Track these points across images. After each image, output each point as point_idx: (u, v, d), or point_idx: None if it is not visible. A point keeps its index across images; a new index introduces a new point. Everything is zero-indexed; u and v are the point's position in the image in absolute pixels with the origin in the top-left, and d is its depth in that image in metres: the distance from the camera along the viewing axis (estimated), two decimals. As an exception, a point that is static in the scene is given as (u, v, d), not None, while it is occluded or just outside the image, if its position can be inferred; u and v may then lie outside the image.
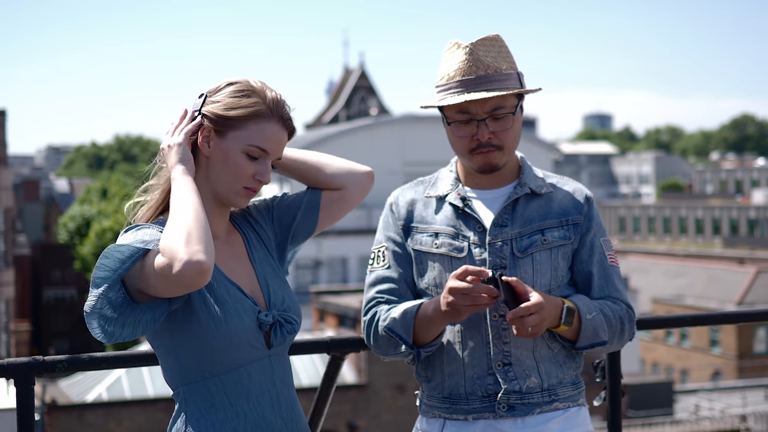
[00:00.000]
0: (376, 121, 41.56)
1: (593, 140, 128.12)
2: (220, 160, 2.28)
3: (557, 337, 2.62)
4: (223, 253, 2.32)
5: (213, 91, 2.32)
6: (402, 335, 2.59)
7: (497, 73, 2.59)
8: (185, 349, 2.22)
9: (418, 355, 2.63)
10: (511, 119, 2.61)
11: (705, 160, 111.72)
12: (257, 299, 2.31)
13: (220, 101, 2.29)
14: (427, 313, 2.56)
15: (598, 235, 2.70)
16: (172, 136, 2.30)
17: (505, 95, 2.59)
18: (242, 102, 2.28)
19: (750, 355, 39.98)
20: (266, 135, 2.28)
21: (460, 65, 2.59)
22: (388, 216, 2.78)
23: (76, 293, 56.40)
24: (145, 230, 2.19)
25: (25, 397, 2.60)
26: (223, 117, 2.27)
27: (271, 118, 2.29)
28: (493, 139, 2.60)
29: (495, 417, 2.59)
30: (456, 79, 2.59)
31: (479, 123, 2.59)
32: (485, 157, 2.62)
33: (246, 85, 2.31)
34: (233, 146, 2.27)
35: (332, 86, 59.22)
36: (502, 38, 2.66)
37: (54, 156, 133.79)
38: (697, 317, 3.64)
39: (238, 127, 2.27)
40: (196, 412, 2.23)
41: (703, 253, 60.08)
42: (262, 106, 2.29)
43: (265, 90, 2.31)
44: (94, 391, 21.66)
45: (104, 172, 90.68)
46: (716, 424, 24.97)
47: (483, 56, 2.59)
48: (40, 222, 66.01)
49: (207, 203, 2.30)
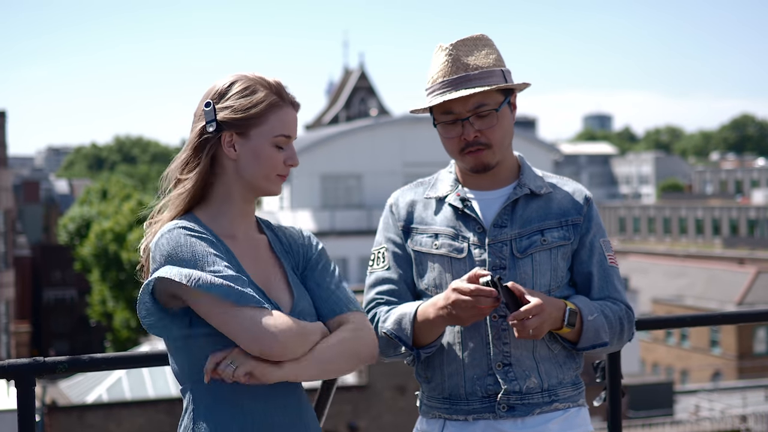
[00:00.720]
0: (376, 122, 41.54)
1: (593, 141, 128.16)
2: (250, 158, 2.31)
3: (558, 338, 2.62)
4: (248, 253, 2.33)
5: (216, 97, 2.32)
6: (402, 337, 2.59)
7: (478, 71, 2.60)
8: (197, 346, 2.23)
9: (418, 356, 2.63)
10: (496, 116, 2.61)
11: (705, 161, 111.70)
12: (282, 302, 2.31)
13: (232, 105, 2.30)
14: (428, 316, 2.55)
15: (597, 235, 2.70)
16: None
17: (488, 92, 2.60)
18: (254, 99, 2.30)
19: (750, 356, 39.97)
20: (286, 121, 2.32)
21: (441, 66, 2.63)
22: (388, 217, 2.79)
23: (76, 294, 56.40)
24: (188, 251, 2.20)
25: (26, 398, 2.60)
26: (242, 119, 2.29)
27: (283, 104, 2.33)
28: (480, 137, 2.61)
29: (495, 417, 2.59)
30: (438, 81, 2.62)
31: (464, 122, 2.60)
32: (475, 156, 2.63)
33: (246, 81, 2.32)
34: (260, 142, 2.30)
35: (332, 87, 59.19)
36: (487, 37, 2.68)
37: (54, 157, 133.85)
38: (697, 318, 3.64)
39: (260, 124, 2.30)
40: (204, 410, 2.23)
41: (703, 253, 60.08)
42: (272, 96, 2.31)
43: (265, 79, 2.34)
44: (95, 392, 21.67)
45: (104, 173, 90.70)
46: (716, 424, 24.97)
47: (463, 56, 2.61)
48: (40, 223, 66.00)
49: (236, 203, 2.34)
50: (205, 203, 2.34)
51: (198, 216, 2.32)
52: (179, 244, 2.19)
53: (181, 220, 2.27)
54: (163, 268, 2.17)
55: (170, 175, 2.36)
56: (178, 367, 2.28)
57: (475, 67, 2.61)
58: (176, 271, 2.15)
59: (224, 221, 2.32)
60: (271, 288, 2.31)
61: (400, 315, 2.61)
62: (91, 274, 46.43)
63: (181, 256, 2.18)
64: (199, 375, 2.22)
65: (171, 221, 2.28)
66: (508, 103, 2.65)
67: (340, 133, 40.24)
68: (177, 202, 2.33)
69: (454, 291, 2.46)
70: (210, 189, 2.34)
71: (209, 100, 2.31)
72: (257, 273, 2.31)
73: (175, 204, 2.33)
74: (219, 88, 2.33)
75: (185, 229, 2.22)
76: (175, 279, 2.14)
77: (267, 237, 2.42)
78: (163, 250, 2.19)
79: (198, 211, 2.33)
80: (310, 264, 2.43)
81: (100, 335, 52.64)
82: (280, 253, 2.40)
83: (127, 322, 44.38)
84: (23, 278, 49.03)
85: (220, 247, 2.25)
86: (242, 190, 2.33)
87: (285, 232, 2.45)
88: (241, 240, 2.34)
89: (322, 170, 38.17)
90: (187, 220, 2.29)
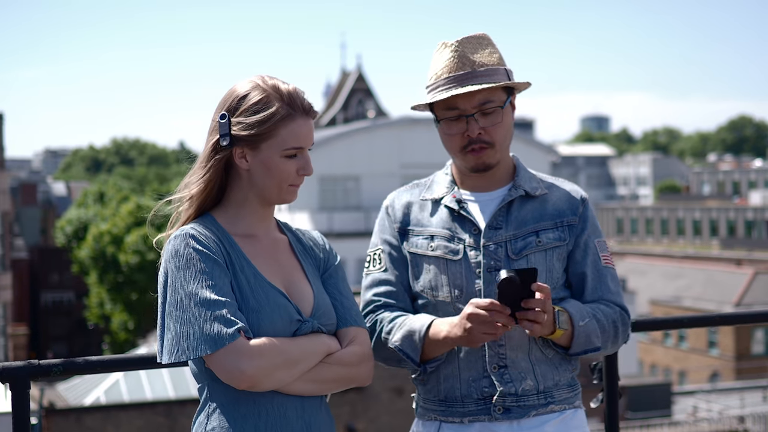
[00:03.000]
0: (373, 124, 41.52)
1: (591, 142, 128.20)
2: (261, 170, 2.33)
3: (550, 343, 2.61)
4: (269, 252, 2.37)
5: (231, 109, 2.32)
6: (410, 354, 2.59)
7: (484, 68, 2.59)
8: None
9: (424, 370, 2.64)
10: (501, 114, 2.61)
11: (702, 162, 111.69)
12: (303, 303, 2.34)
13: (243, 120, 2.30)
14: (439, 335, 2.54)
15: (592, 236, 2.69)
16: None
17: (493, 90, 2.59)
18: (265, 113, 2.29)
19: (748, 357, 39.99)
20: (297, 133, 2.32)
21: (447, 63, 2.62)
22: (384, 219, 2.78)
23: (73, 297, 56.34)
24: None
25: (21, 401, 2.60)
26: (252, 135, 2.30)
27: (295, 115, 2.32)
28: (484, 135, 2.60)
29: (491, 419, 2.59)
30: (443, 77, 2.61)
31: (468, 119, 2.59)
32: (477, 155, 2.62)
33: (260, 91, 2.31)
34: (270, 155, 2.31)
35: (329, 89, 59.19)
36: (489, 37, 2.68)
37: (51, 159, 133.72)
38: (694, 319, 3.63)
39: (270, 137, 2.30)
40: (219, 407, 2.26)
41: (701, 254, 60.10)
42: (284, 109, 2.30)
43: (279, 87, 2.32)
44: (92, 394, 21.62)
45: (102, 176, 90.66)
46: (714, 425, 24.96)
47: (469, 53, 2.61)
48: (38, 225, 65.95)
49: (253, 207, 2.38)
50: (223, 205, 2.39)
51: (216, 216, 2.37)
52: (178, 254, 2.25)
53: (194, 224, 2.32)
54: (164, 342, 2.23)
55: (184, 181, 2.41)
56: (196, 367, 2.30)
57: (480, 64, 2.60)
58: (167, 349, 2.22)
59: (243, 223, 2.38)
60: (292, 286, 2.36)
61: (409, 331, 2.59)
62: (89, 277, 46.38)
63: (177, 265, 2.25)
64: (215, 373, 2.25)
65: (186, 224, 2.34)
66: (509, 102, 2.65)
67: (337, 134, 40.22)
68: (186, 206, 2.38)
69: (471, 304, 2.45)
70: (228, 192, 2.39)
71: (224, 113, 2.32)
72: (278, 271, 2.36)
73: (185, 208, 2.39)
74: (234, 98, 2.33)
75: (192, 239, 2.27)
76: (163, 362, 2.24)
77: (288, 238, 2.45)
78: (167, 254, 2.28)
79: (217, 211, 2.39)
80: (329, 270, 2.47)
81: (98, 338, 52.60)
82: (300, 254, 2.44)
83: (125, 325, 44.33)
84: (21, 281, 48.99)
85: (222, 257, 2.28)
86: (256, 197, 2.37)
87: (306, 235, 2.50)
88: (262, 239, 2.39)
89: (320, 172, 38.13)
90: (203, 221, 2.34)
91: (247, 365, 2.17)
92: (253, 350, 2.19)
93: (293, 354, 2.24)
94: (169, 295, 2.23)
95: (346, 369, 2.33)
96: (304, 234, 2.51)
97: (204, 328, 2.18)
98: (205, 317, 2.19)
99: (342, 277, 2.49)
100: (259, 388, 2.21)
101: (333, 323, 2.38)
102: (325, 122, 53.76)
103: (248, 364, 2.17)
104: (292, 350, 2.24)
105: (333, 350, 2.32)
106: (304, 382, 2.27)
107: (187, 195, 2.37)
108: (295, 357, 2.24)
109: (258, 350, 2.19)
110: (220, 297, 2.21)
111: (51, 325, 56.07)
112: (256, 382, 2.19)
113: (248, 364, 2.17)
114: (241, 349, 2.18)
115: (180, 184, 2.42)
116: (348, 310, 2.42)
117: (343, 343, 2.36)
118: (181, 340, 2.19)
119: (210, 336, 2.18)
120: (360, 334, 2.40)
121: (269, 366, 2.20)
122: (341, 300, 2.43)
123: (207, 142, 2.37)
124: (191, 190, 2.37)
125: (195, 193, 2.36)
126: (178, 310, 2.21)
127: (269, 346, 2.21)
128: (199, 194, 2.36)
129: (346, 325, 2.39)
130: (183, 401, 19.57)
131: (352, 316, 2.41)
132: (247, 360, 2.17)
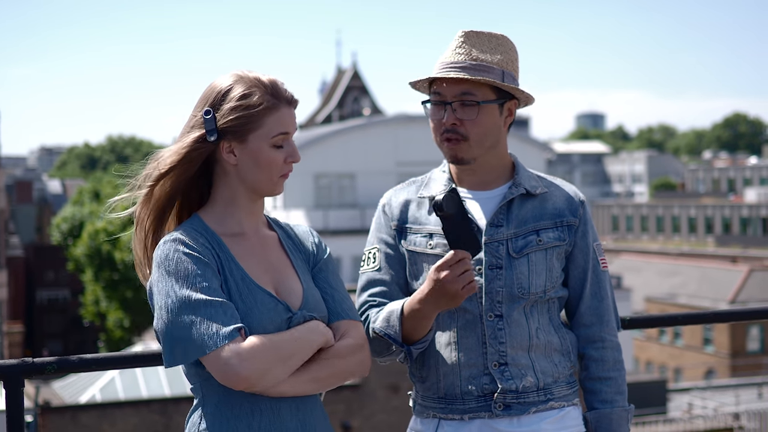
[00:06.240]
0: (369, 121, 41.52)
1: (586, 139, 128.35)
2: (250, 162, 2.32)
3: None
4: (258, 250, 2.37)
5: (215, 104, 2.31)
6: (391, 334, 2.58)
7: (479, 62, 2.59)
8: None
9: (410, 352, 2.62)
10: (477, 110, 2.59)
11: (697, 159, 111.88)
12: (292, 298, 2.33)
13: (228, 113, 2.30)
14: (415, 306, 2.53)
15: (592, 239, 2.71)
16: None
17: (477, 84, 2.59)
18: (250, 103, 2.29)
19: (743, 354, 40.07)
20: (283, 121, 2.32)
21: (449, 50, 2.65)
22: (380, 217, 2.77)
23: (69, 294, 56.34)
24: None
25: (15, 398, 2.60)
26: (238, 126, 2.29)
27: (279, 104, 2.33)
28: (459, 126, 2.60)
29: (491, 416, 2.59)
30: (440, 62, 2.64)
31: (447, 107, 2.60)
32: (450, 146, 2.62)
33: (243, 84, 2.32)
34: (259, 145, 2.31)
35: (325, 86, 59.20)
36: (507, 40, 2.67)
37: (47, 157, 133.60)
38: (689, 316, 3.63)
39: (256, 128, 2.30)
40: (213, 407, 2.26)
41: (696, 251, 60.21)
42: (268, 99, 2.31)
43: (259, 79, 2.33)
44: (88, 392, 21.62)
45: (97, 173, 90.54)
46: (709, 422, 25.00)
47: (472, 46, 2.62)
48: (33, 223, 65.93)
49: (242, 203, 2.36)
50: (211, 204, 2.38)
51: (203, 217, 2.36)
52: (168, 259, 2.24)
53: (182, 229, 2.31)
54: (163, 348, 2.23)
55: (153, 174, 2.36)
56: (190, 365, 2.29)
57: (476, 58, 2.60)
58: (166, 354, 2.21)
59: (231, 222, 2.36)
60: (281, 284, 2.35)
61: (388, 312, 2.59)
62: (84, 274, 46.36)
63: (168, 269, 2.23)
64: (209, 373, 2.24)
65: (175, 229, 2.33)
66: (500, 105, 2.63)
67: (333, 132, 40.21)
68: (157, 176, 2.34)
69: (435, 269, 2.44)
70: (214, 192, 2.38)
71: (209, 108, 2.31)
72: (267, 269, 2.35)
73: (155, 206, 2.38)
74: (217, 93, 2.32)
75: (181, 244, 2.26)
76: (165, 367, 2.24)
77: (277, 234, 2.44)
78: (157, 261, 2.26)
79: (204, 212, 2.37)
80: (319, 265, 2.46)
81: (94, 335, 52.61)
82: (290, 250, 2.43)
83: (121, 322, 44.31)
84: (16, 278, 48.96)
85: (212, 258, 2.27)
86: (246, 192, 2.36)
87: (295, 230, 2.49)
88: (250, 237, 2.37)
89: (315, 170, 38.15)
90: (191, 224, 2.33)
91: (241, 366, 2.16)
92: (246, 351, 2.18)
93: (287, 348, 2.23)
94: (162, 300, 2.22)
95: (342, 362, 2.32)
96: (293, 228, 2.50)
97: (199, 330, 2.17)
98: (199, 319, 2.18)
99: (332, 270, 2.48)
100: (255, 388, 2.20)
101: (324, 317, 2.37)
102: (321, 120, 53.77)
103: (243, 365, 2.16)
104: (285, 344, 2.23)
105: (327, 338, 2.31)
106: (303, 382, 2.26)
107: (163, 168, 2.32)
108: (289, 351, 2.23)
109: (251, 350, 2.18)
110: (214, 298, 2.20)
111: (46, 323, 56.07)
112: (253, 382, 2.18)
113: (243, 365, 2.16)
114: (235, 351, 2.17)
115: (144, 178, 2.38)
116: (339, 303, 2.41)
117: (336, 336, 2.35)
118: (179, 344, 2.19)
119: (205, 338, 2.17)
120: (352, 326, 2.38)
121: (264, 365, 2.19)
122: (332, 293, 2.42)
123: (187, 134, 2.33)
124: (165, 160, 2.32)
125: (170, 163, 2.31)
126: (172, 314, 2.19)
127: (262, 345, 2.19)
128: (172, 165, 2.31)
129: (337, 318, 2.38)
130: (178, 399, 19.58)
131: (344, 309, 2.40)
132: (241, 361, 2.17)
